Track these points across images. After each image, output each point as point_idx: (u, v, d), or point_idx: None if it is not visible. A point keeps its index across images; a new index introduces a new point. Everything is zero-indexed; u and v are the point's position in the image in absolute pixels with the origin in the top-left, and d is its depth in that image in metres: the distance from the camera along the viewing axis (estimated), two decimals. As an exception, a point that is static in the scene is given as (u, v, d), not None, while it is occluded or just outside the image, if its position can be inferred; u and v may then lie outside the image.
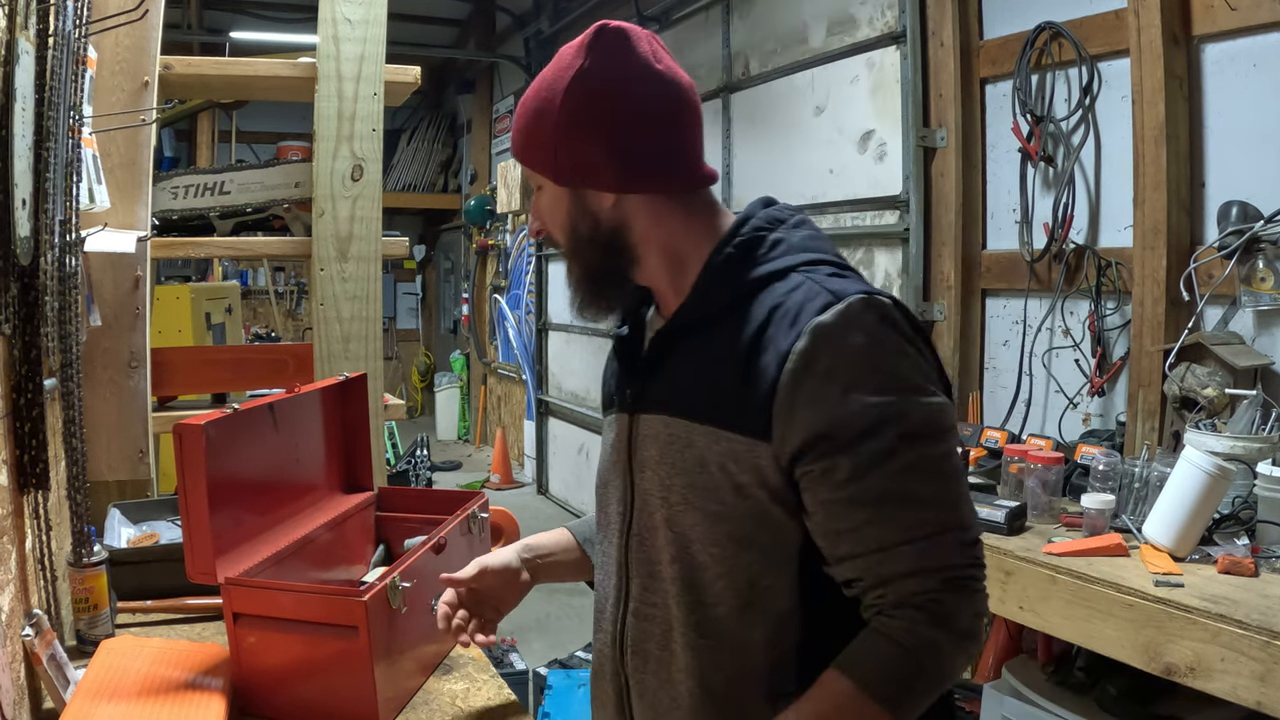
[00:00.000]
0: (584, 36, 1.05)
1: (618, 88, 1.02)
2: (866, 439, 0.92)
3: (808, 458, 0.94)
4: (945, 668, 0.95)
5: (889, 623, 0.95)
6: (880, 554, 0.93)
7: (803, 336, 0.93)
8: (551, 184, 1.06)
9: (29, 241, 1.27)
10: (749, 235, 1.05)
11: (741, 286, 1.01)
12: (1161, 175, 2.47)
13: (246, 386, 2.61)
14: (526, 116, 1.06)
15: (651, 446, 1.05)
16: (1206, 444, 2.05)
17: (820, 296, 0.96)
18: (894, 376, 0.94)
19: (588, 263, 1.08)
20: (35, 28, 1.29)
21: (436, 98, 10.31)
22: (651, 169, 1.04)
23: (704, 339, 1.02)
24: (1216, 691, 1.61)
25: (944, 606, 0.93)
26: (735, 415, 0.97)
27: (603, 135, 1.02)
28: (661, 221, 1.06)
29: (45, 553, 1.37)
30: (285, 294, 10.19)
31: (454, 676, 1.49)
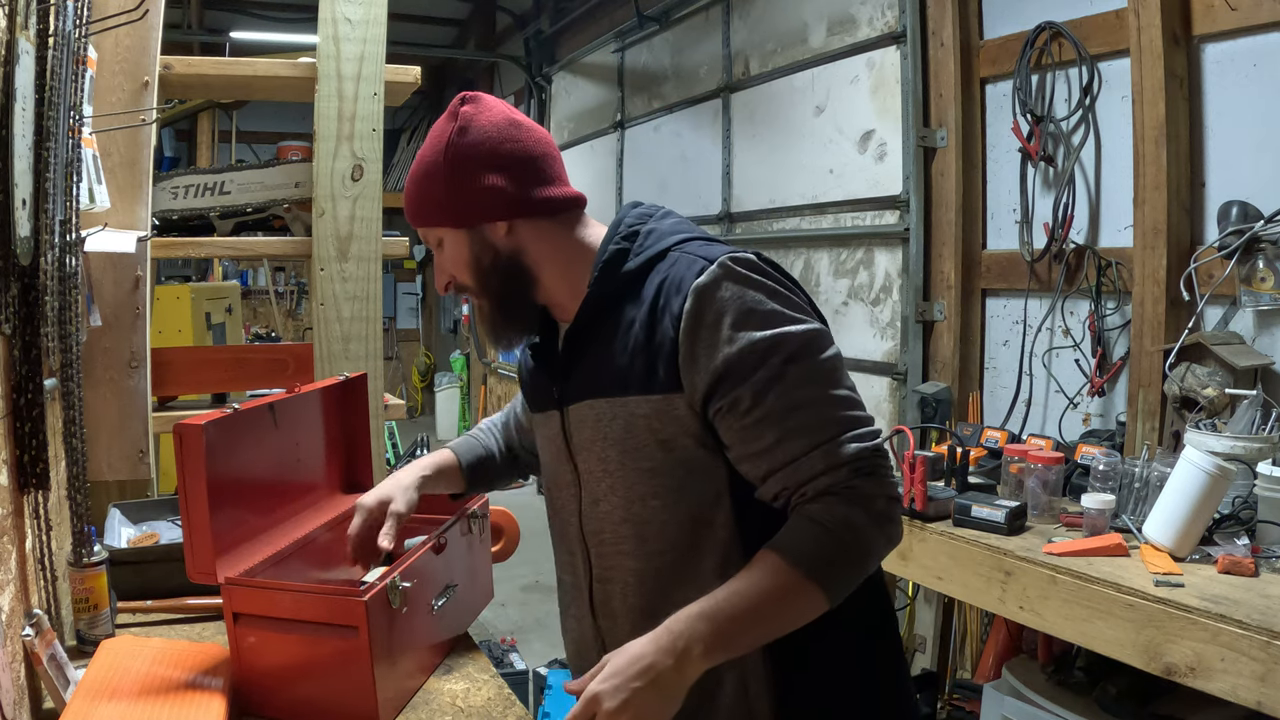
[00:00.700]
0: (449, 108, 1.23)
1: (492, 132, 1.20)
2: (758, 369, 1.07)
3: (715, 398, 1.09)
4: (864, 543, 1.07)
5: (811, 508, 1.08)
6: (795, 464, 1.07)
7: (688, 298, 1.09)
8: (450, 231, 1.21)
9: (29, 241, 1.27)
10: (626, 232, 1.21)
11: (629, 274, 1.17)
12: (1162, 175, 2.47)
13: (246, 386, 2.61)
14: (416, 184, 1.22)
15: (584, 430, 1.20)
16: (1207, 444, 2.05)
17: (696, 264, 1.12)
18: (769, 314, 1.09)
19: (495, 291, 1.22)
20: (35, 28, 1.29)
21: (437, 98, 10.31)
22: (532, 196, 1.20)
23: (607, 327, 1.17)
24: (1216, 691, 1.61)
25: (858, 490, 1.07)
26: (648, 379, 1.12)
27: (486, 174, 1.18)
28: (549, 240, 1.22)
29: (45, 553, 1.37)
30: (285, 294, 10.19)
31: (454, 676, 1.49)
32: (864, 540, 1.07)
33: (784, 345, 1.08)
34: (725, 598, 1.04)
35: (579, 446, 1.22)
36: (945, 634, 3.25)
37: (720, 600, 1.04)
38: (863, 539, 1.07)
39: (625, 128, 5.83)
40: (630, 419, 1.14)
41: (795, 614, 1.06)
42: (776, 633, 1.07)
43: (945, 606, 3.25)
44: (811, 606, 1.06)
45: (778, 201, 4.22)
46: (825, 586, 1.05)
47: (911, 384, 3.33)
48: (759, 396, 1.07)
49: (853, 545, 1.07)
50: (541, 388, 1.29)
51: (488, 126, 1.20)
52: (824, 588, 1.05)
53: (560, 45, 6.86)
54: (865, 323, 3.68)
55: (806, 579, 1.04)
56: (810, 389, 1.08)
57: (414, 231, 4.09)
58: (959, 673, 3.17)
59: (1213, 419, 2.22)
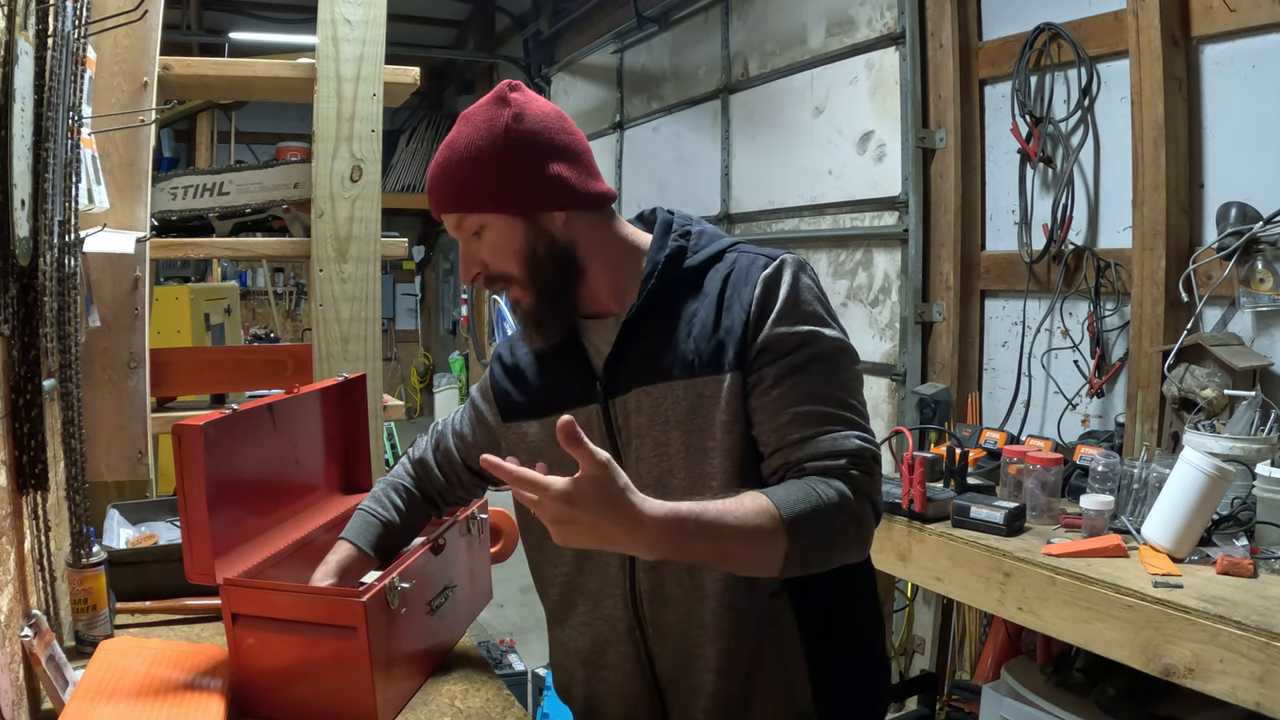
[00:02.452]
0: (493, 93, 1.22)
1: (548, 121, 1.21)
2: (788, 355, 1.16)
3: (751, 370, 1.17)
4: (841, 524, 1.11)
5: (810, 479, 1.12)
6: (800, 443, 1.14)
7: (758, 286, 1.18)
8: (501, 218, 1.20)
9: (28, 242, 1.27)
10: (680, 231, 1.27)
11: (689, 270, 1.24)
12: (1161, 176, 2.47)
13: (245, 387, 2.61)
14: (461, 168, 1.19)
15: (637, 417, 1.21)
16: (1205, 445, 2.05)
17: (759, 260, 1.21)
18: (812, 314, 1.18)
19: (546, 282, 1.22)
20: (34, 28, 1.29)
21: (436, 98, 10.31)
22: (586, 187, 1.23)
23: (667, 318, 1.22)
24: (1215, 692, 1.61)
25: (855, 481, 1.13)
26: (717, 361, 1.17)
27: (549, 162, 1.19)
28: (598, 234, 1.25)
29: (44, 553, 1.37)
30: (284, 295, 10.19)
31: (453, 677, 1.49)
32: (841, 524, 1.11)
33: (816, 342, 1.16)
34: (711, 515, 1.05)
35: (629, 436, 1.22)
36: (944, 635, 3.25)
37: (708, 518, 1.04)
38: (841, 523, 1.11)
39: (624, 128, 5.83)
40: (698, 399, 1.18)
41: (754, 558, 1.09)
42: (723, 567, 1.14)
43: (944, 607, 3.25)
44: (770, 557, 1.08)
45: (776, 202, 4.22)
46: (791, 544, 1.07)
47: (910, 385, 3.33)
48: (780, 379, 1.15)
49: (832, 523, 1.10)
50: (564, 386, 1.27)
51: (542, 115, 1.21)
52: (790, 545, 1.07)
53: (559, 46, 6.86)
54: (864, 324, 3.68)
55: (783, 530, 1.07)
56: (828, 387, 1.16)
57: (413, 233, 4.09)
58: (958, 674, 3.17)
59: (1211, 420, 2.22)
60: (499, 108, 1.20)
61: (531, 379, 1.34)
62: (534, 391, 1.33)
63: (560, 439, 0.98)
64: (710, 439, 1.17)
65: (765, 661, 1.21)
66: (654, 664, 1.25)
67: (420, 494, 1.52)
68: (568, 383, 1.27)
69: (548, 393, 1.30)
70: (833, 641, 1.23)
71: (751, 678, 1.21)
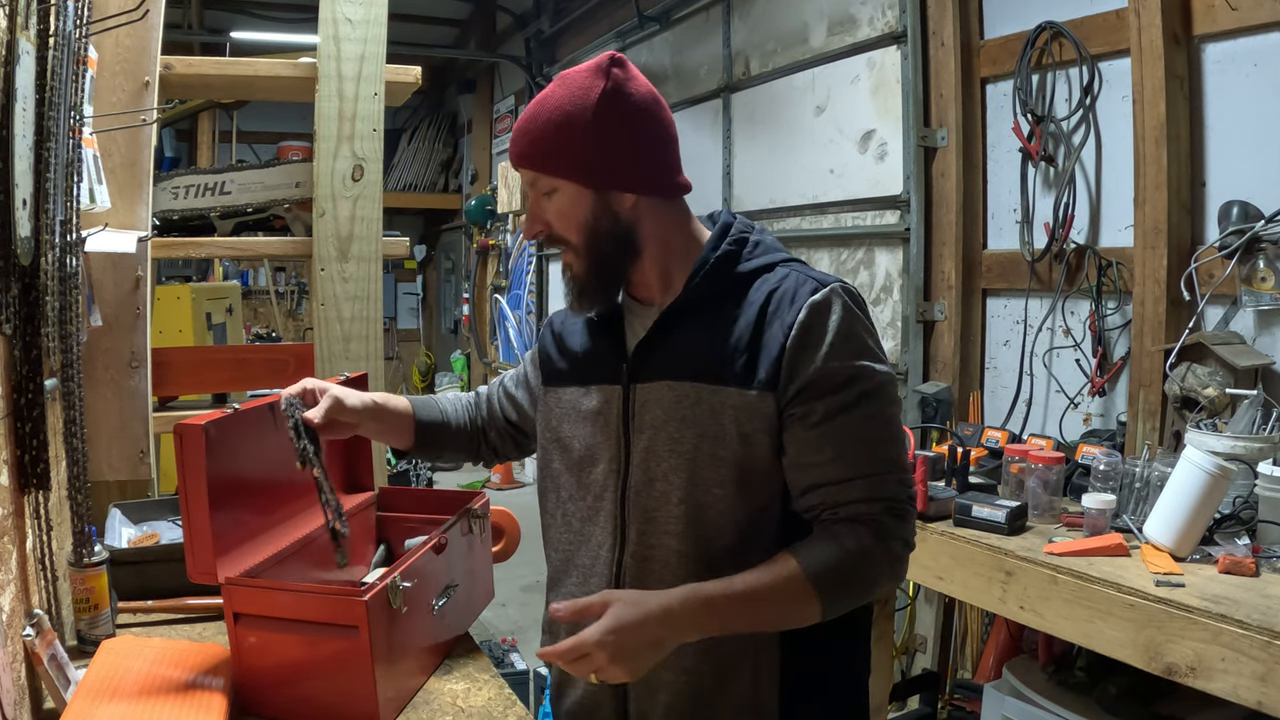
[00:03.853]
0: (596, 62, 1.22)
1: (640, 103, 1.21)
2: (838, 392, 1.15)
3: (794, 403, 1.16)
4: (874, 576, 1.16)
5: (837, 529, 1.15)
6: (839, 484, 1.15)
7: (803, 311, 1.17)
8: (574, 186, 1.21)
9: (29, 242, 1.27)
10: (737, 236, 1.27)
11: (738, 276, 1.24)
12: (1162, 175, 2.47)
13: (247, 386, 2.61)
14: (549, 129, 1.20)
15: (655, 409, 1.22)
16: (1207, 444, 2.05)
17: (809, 283, 1.20)
18: (862, 348, 1.18)
19: (602, 255, 1.23)
20: (36, 28, 1.29)
21: (437, 98, 10.31)
22: (663, 176, 1.25)
23: (704, 318, 1.22)
24: (1217, 691, 1.61)
25: (884, 527, 1.15)
26: (747, 375, 1.17)
27: (632, 143, 1.21)
28: (663, 223, 1.26)
29: (46, 553, 1.37)
30: (286, 294, 10.19)
31: (454, 676, 1.49)
32: (873, 572, 1.16)
33: (866, 379, 1.16)
34: (739, 590, 1.11)
35: (643, 424, 1.23)
36: (946, 634, 3.25)
37: (733, 591, 1.11)
38: (873, 571, 1.15)
39: (625, 128, 5.83)
40: (718, 407, 1.18)
41: (791, 618, 1.15)
42: (766, 629, 1.17)
43: (946, 606, 3.24)
44: (807, 615, 1.13)
45: (778, 201, 4.22)
46: (825, 601, 1.13)
47: (912, 384, 3.33)
48: (829, 415, 1.15)
49: (863, 573, 1.15)
50: (598, 362, 1.30)
51: (638, 96, 1.21)
52: (824, 602, 1.13)
53: (560, 45, 6.86)
54: (866, 323, 3.67)
55: (813, 589, 1.11)
56: (873, 426, 1.17)
57: (414, 232, 4.09)
58: (959, 673, 3.17)
59: (1213, 419, 2.22)
60: (597, 78, 1.20)
61: (574, 348, 1.35)
62: (574, 360, 1.34)
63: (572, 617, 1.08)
64: (724, 447, 1.18)
65: (738, 670, 1.21)
66: None
67: (469, 419, 1.54)
68: (602, 359, 1.29)
69: (584, 364, 1.32)
70: (812, 663, 1.23)
71: (721, 683, 1.21)
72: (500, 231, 8.24)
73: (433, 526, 1.59)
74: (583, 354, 1.33)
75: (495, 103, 8.77)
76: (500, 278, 8.24)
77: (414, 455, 1.53)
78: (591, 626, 1.05)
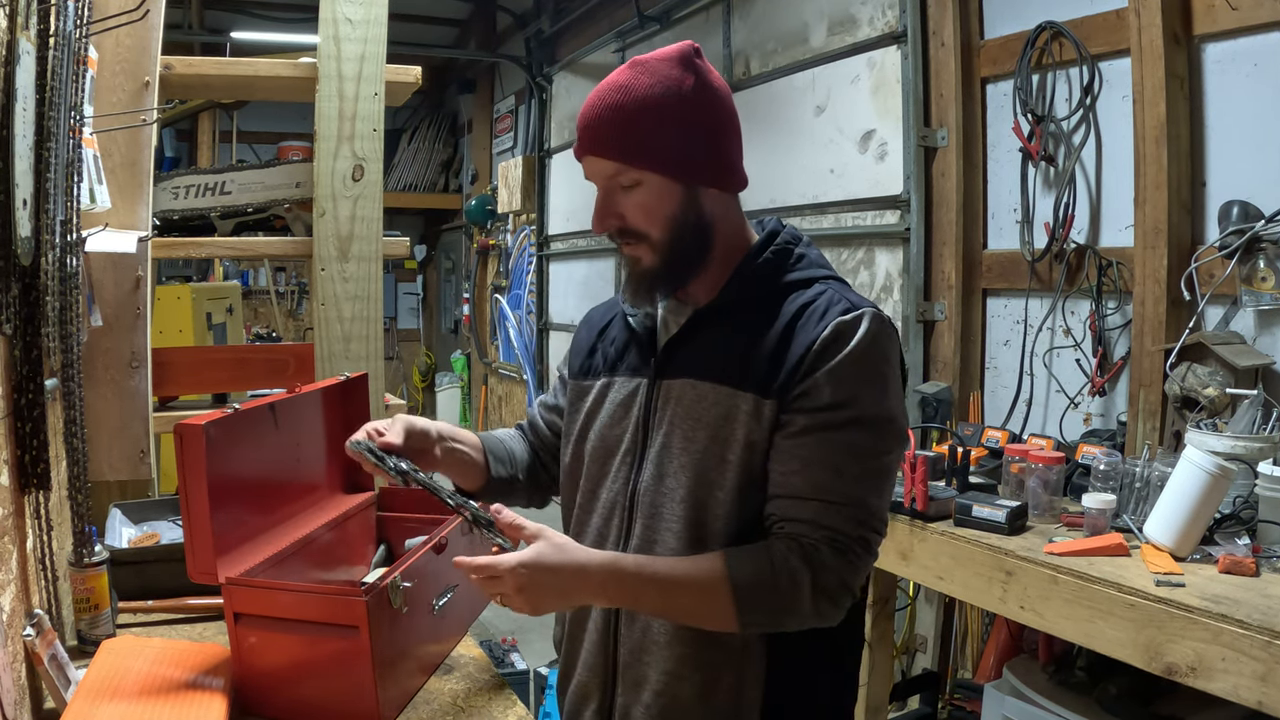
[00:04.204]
0: (680, 52, 1.20)
1: (724, 96, 1.21)
2: (826, 410, 1.13)
3: (786, 410, 1.15)
4: (795, 602, 1.11)
5: (775, 545, 1.13)
6: (794, 500, 1.14)
7: (828, 328, 1.15)
8: (661, 180, 1.18)
9: (30, 242, 1.27)
10: (780, 247, 1.25)
11: (776, 286, 1.22)
12: (1162, 175, 2.47)
13: (247, 386, 2.61)
14: (638, 118, 1.16)
15: (677, 405, 1.21)
16: (1207, 444, 2.05)
17: (842, 303, 1.18)
18: (871, 376, 1.15)
19: (682, 250, 1.21)
20: (36, 28, 1.29)
21: (437, 97, 10.31)
22: (739, 169, 1.24)
23: (735, 322, 1.21)
24: (1217, 691, 1.61)
25: (819, 556, 1.11)
26: (765, 383, 1.16)
27: (721, 136, 1.20)
28: (732, 219, 1.25)
29: (46, 553, 1.37)
30: (286, 294, 10.18)
31: (455, 676, 1.49)
32: (795, 599, 1.11)
33: (860, 406, 1.13)
34: (655, 571, 1.13)
35: (663, 420, 1.22)
36: (946, 634, 3.25)
37: (648, 570, 1.13)
38: (795, 598, 1.11)
39: (626, 128, 5.83)
40: (732, 411, 1.17)
41: (704, 616, 1.14)
42: (679, 619, 1.17)
43: (946, 606, 3.24)
44: (721, 618, 1.13)
45: (778, 201, 4.22)
46: (741, 613, 1.12)
47: (912, 384, 3.33)
48: (808, 430, 1.13)
49: (784, 596, 1.11)
50: (628, 355, 1.30)
51: (722, 89, 1.21)
52: (739, 614, 1.12)
53: (561, 45, 6.86)
54: (866, 322, 3.67)
55: (731, 598, 1.11)
56: (850, 455, 1.13)
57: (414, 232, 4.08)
58: (960, 672, 3.17)
59: (1213, 419, 2.22)
60: (684, 68, 1.18)
61: (607, 342, 1.35)
62: (605, 354, 1.34)
63: (507, 533, 1.11)
64: (731, 452, 1.17)
65: (722, 682, 1.20)
66: (617, 644, 1.26)
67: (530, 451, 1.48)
68: (632, 353, 1.30)
69: (615, 357, 1.32)
70: (797, 688, 1.22)
71: (703, 693, 1.20)
72: (500, 231, 8.23)
73: (433, 526, 1.59)
74: (614, 348, 1.33)
75: (495, 103, 8.76)
76: (500, 278, 8.24)
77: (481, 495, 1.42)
78: (511, 554, 1.08)
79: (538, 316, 7.14)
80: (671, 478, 1.21)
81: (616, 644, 1.26)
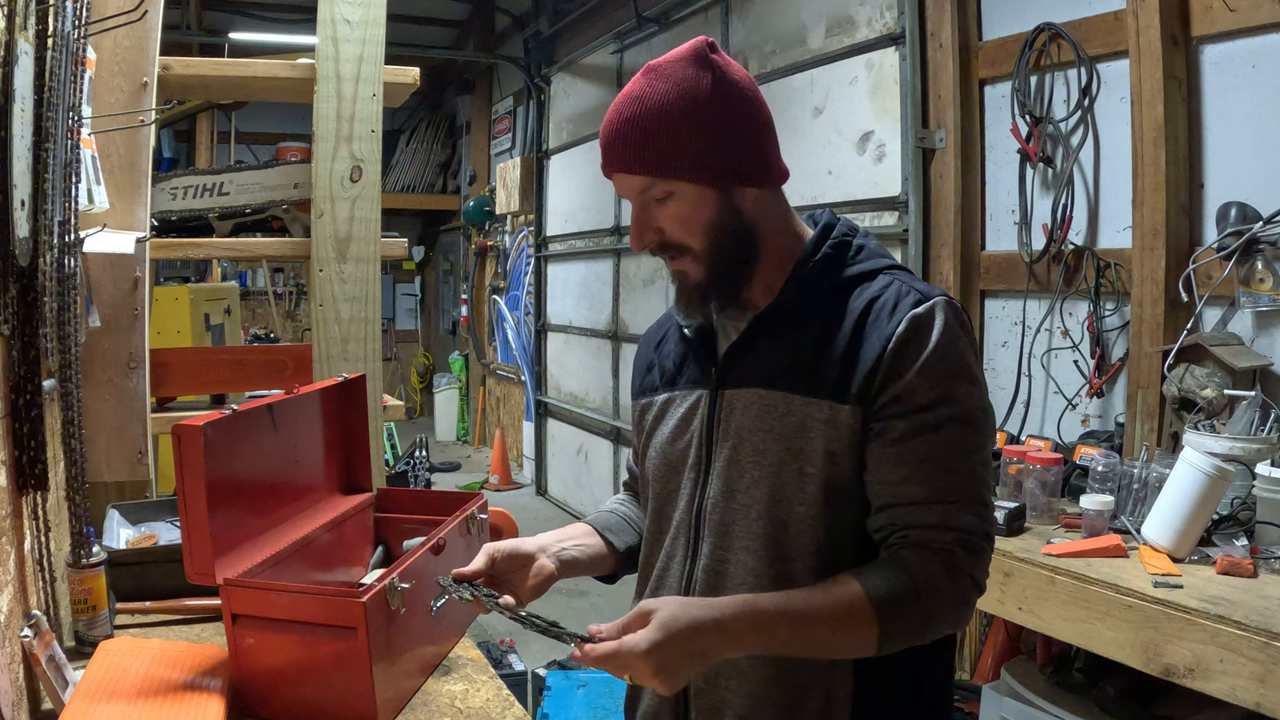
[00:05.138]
0: (694, 51, 1.14)
1: (748, 88, 1.15)
2: (923, 411, 1.07)
3: (878, 417, 1.09)
4: (937, 610, 1.07)
5: (906, 554, 1.07)
6: (913, 506, 1.08)
7: (903, 323, 1.09)
8: (695, 188, 1.12)
9: (28, 242, 1.27)
10: (839, 239, 1.19)
11: (838, 282, 1.16)
12: (1160, 176, 2.47)
13: (245, 387, 2.61)
14: (657, 128, 1.11)
15: (744, 416, 1.15)
16: (1205, 445, 2.05)
17: (912, 294, 1.12)
18: (959, 369, 1.09)
19: (727, 258, 1.15)
20: (34, 28, 1.29)
21: (435, 99, 10.31)
22: (775, 163, 1.17)
23: (800, 324, 1.15)
24: (1215, 692, 1.61)
25: (955, 559, 1.07)
26: (840, 388, 1.10)
27: (751, 133, 1.14)
28: (776, 216, 1.19)
29: (44, 554, 1.37)
30: (284, 295, 10.19)
31: (453, 677, 1.49)
32: (938, 607, 1.07)
33: (955, 403, 1.09)
34: (796, 609, 1.04)
35: (728, 432, 1.16)
36: (944, 635, 3.25)
37: (789, 608, 1.04)
38: (937, 606, 1.07)
39: (624, 129, 5.82)
40: (807, 420, 1.11)
41: (845, 646, 1.06)
42: (815, 655, 1.08)
43: (944, 607, 3.24)
44: (863, 645, 1.05)
45: (777, 202, 4.22)
46: (884, 632, 1.04)
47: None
48: (910, 434, 1.08)
49: (927, 606, 1.06)
50: (687, 367, 1.24)
51: (744, 81, 1.15)
52: (883, 633, 1.04)
53: (559, 46, 6.86)
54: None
55: (874, 619, 1.04)
56: (957, 452, 1.09)
57: (412, 233, 4.07)
58: (958, 674, 3.17)
59: (1211, 420, 2.22)
60: (701, 68, 1.12)
61: (665, 357, 1.30)
62: (664, 369, 1.29)
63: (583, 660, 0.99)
64: (810, 464, 1.11)
65: (809, 700, 1.13)
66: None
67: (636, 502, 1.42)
68: (691, 364, 1.24)
69: (674, 371, 1.27)
70: (888, 706, 1.14)
71: (790, 711, 1.13)
72: (499, 232, 8.24)
73: (431, 527, 1.59)
74: (672, 361, 1.28)
75: (494, 104, 8.77)
76: (498, 279, 8.25)
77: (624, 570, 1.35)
78: (637, 634, 0.97)
79: (536, 317, 7.14)
80: (743, 493, 1.14)
81: None
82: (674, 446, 1.23)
